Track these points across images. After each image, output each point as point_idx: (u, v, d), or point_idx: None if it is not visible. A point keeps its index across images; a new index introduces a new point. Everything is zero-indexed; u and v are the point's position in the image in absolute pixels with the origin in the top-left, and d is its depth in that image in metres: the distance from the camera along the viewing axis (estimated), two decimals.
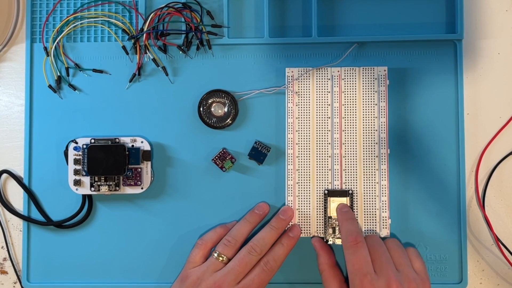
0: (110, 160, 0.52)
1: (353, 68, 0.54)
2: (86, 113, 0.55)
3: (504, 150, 0.55)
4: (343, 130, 0.53)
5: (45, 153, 0.55)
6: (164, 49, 0.54)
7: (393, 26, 0.55)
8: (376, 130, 0.53)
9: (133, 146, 0.54)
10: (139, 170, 0.53)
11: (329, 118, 0.54)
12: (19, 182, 0.55)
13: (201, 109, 0.54)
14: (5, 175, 0.56)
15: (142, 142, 0.54)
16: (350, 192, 0.53)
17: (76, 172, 0.53)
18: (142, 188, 0.53)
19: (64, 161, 0.54)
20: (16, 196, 0.56)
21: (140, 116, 0.55)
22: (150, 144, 0.54)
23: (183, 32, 0.54)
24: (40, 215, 0.55)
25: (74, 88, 0.55)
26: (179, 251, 0.54)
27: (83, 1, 0.55)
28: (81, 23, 0.55)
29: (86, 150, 0.53)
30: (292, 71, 0.54)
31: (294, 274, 0.54)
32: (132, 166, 0.53)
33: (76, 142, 0.53)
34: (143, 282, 0.55)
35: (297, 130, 0.54)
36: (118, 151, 0.53)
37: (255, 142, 0.54)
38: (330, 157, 0.53)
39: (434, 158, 0.54)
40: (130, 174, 0.53)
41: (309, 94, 0.54)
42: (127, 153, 0.53)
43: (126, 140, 0.54)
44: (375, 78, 0.53)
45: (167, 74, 0.55)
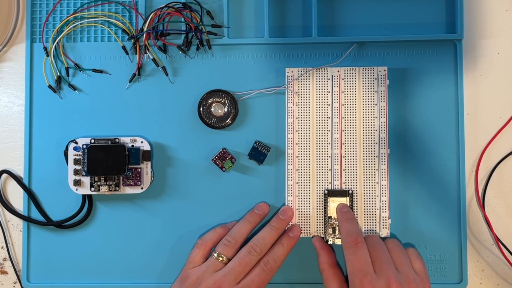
0: (110, 160, 0.52)
1: (353, 68, 0.54)
2: (86, 113, 0.55)
3: (504, 150, 0.55)
4: (343, 130, 0.53)
5: (45, 153, 0.55)
6: (164, 49, 0.54)
7: (393, 26, 0.55)
8: (376, 130, 0.53)
9: (133, 146, 0.54)
10: (139, 170, 0.53)
11: (329, 118, 0.54)
12: (19, 182, 0.55)
13: (201, 109, 0.54)
14: (5, 175, 0.56)
15: (142, 142, 0.54)
16: (350, 192, 0.53)
17: (76, 172, 0.53)
18: (142, 188, 0.53)
19: (64, 161, 0.54)
20: (16, 196, 0.56)
21: (140, 116, 0.55)
22: (150, 144, 0.54)
23: (183, 32, 0.54)
24: (40, 215, 0.55)
25: (74, 88, 0.55)
26: (179, 251, 0.54)
27: (83, 1, 0.55)
28: (81, 23, 0.55)
29: (86, 150, 0.53)
30: (292, 71, 0.54)
31: (294, 274, 0.54)
32: (132, 166, 0.53)
33: (76, 142, 0.53)
34: (143, 282, 0.55)
35: (297, 130, 0.54)
36: (118, 151, 0.53)
37: (255, 142, 0.54)
38: (330, 157, 0.53)
39: (434, 158, 0.54)
40: (130, 174, 0.53)
41: (309, 94, 0.54)
42: (127, 153, 0.53)
43: (126, 140, 0.54)
44: (375, 78, 0.53)
45: (167, 74, 0.55)
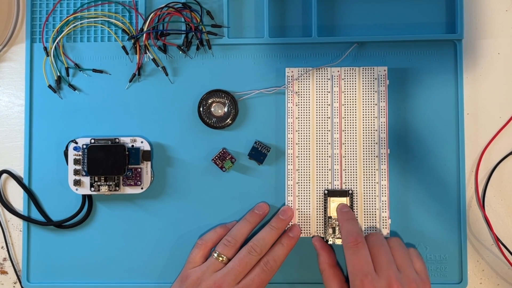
0: (110, 160, 0.52)
1: (353, 68, 0.54)
2: (86, 113, 0.55)
3: (504, 150, 0.55)
4: (343, 130, 0.53)
5: (45, 153, 0.55)
6: (164, 49, 0.54)
7: (393, 26, 0.55)
8: (376, 130, 0.53)
9: (133, 146, 0.54)
10: (139, 170, 0.53)
11: (329, 118, 0.54)
12: (19, 182, 0.55)
13: (201, 109, 0.54)
14: (5, 175, 0.56)
15: (142, 142, 0.54)
16: (350, 192, 0.53)
17: (76, 172, 0.53)
18: (142, 188, 0.53)
19: (64, 161, 0.54)
20: (16, 196, 0.56)
21: (140, 116, 0.55)
22: (150, 144, 0.54)
23: (183, 32, 0.54)
24: (40, 215, 0.55)
25: (74, 88, 0.55)
26: (179, 251, 0.54)
27: (83, 1, 0.55)
28: (81, 23, 0.55)
29: (86, 150, 0.53)
30: (292, 71, 0.54)
31: (294, 274, 0.54)
32: (132, 166, 0.53)
33: (76, 142, 0.53)
34: (143, 282, 0.55)
35: (297, 130, 0.54)
36: (118, 151, 0.53)
37: (255, 142, 0.54)
38: (330, 157, 0.53)
39: (434, 158, 0.54)
40: (130, 174, 0.53)
41: (309, 94, 0.54)
42: (127, 153, 0.53)
43: (126, 140, 0.54)
44: (375, 78, 0.53)
45: (167, 74, 0.55)
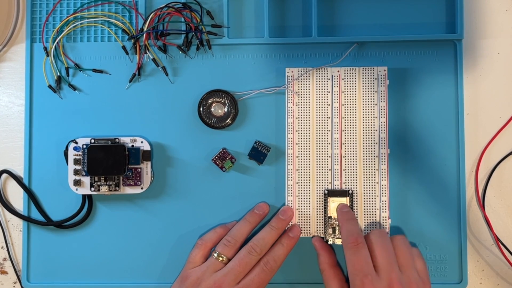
0: (110, 160, 0.52)
1: (353, 68, 0.54)
2: (86, 113, 0.55)
3: (504, 150, 0.55)
4: (343, 130, 0.53)
5: (45, 153, 0.55)
6: (164, 49, 0.54)
7: (393, 26, 0.55)
8: (376, 130, 0.53)
9: (133, 146, 0.54)
10: (139, 170, 0.53)
11: (329, 118, 0.54)
12: (19, 182, 0.55)
13: (201, 109, 0.54)
14: (5, 175, 0.56)
15: (142, 142, 0.54)
16: (350, 192, 0.53)
17: (76, 172, 0.53)
18: (142, 188, 0.53)
19: (64, 161, 0.54)
20: (16, 196, 0.56)
21: (140, 116, 0.55)
22: (150, 144, 0.54)
23: (183, 32, 0.54)
24: (40, 215, 0.55)
25: (74, 88, 0.55)
26: (179, 251, 0.54)
27: (83, 1, 0.55)
28: (81, 23, 0.55)
29: (86, 150, 0.53)
30: (292, 71, 0.54)
31: (294, 274, 0.54)
32: (132, 166, 0.53)
33: (76, 142, 0.53)
34: (143, 282, 0.55)
35: (297, 130, 0.54)
36: (118, 151, 0.53)
37: (255, 142, 0.54)
38: (330, 157, 0.53)
39: (434, 158, 0.54)
40: (130, 174, 0.53)
41: (309, 94, 0.54)
42: (127, 153, 0.53)
43: (126, 140, 0.54)
44: (375, 78, 0.53)
45: (167, 74, 0.55)
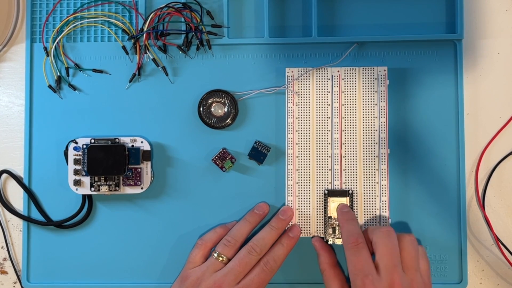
0: (110, 160, 0.52)
1: (353, 68, 0.54)
2: (86, 113, 0.55)
3: (504, 150, 0.55)
4: (343, 130, 0.53)
5: (45, 153, 0.55)
6: (164, 49, 0.54)
7: (393, 26, 0.55)
8: (376, 130, 0.53)
9: (133, 146, 0.54)
10: (139, 170, 0.53)
11: (329, 118, 0.54)
12: (19, 182, 0.55)
13: (201, 109, 0.54)
14: (5, 175, 0.56)
15: (142, 142, 0.54)
16: (350, 192, 0.53)
17: (76, 172, 0.53)
18: (142, 188, 0.53)
19: (64, 161, 0.54)
20: (16, 196, 0.56)
21: (140, 116, 0.55)
22: (150, 144, 0.54)
23: (183, 32, 0.54)
24: (40, 215, 0.55)
25: (74, 88, 0.55)
26: (179, 251, 0.54)
27: (83, 1, 0.55)
28: (81, 23, 0.55)
29: (86, 150, 0.53)
30: (292, 71, 0.54)
31: (294, 274, 0.54)
32: (132, 166, 0.53)
33: (76, 142, 0.53)
34: (143, 282, 0.55)
35: (297, 130, 0.54)
36: (118, 151, 0.53)
37: (255, 142, 0.54)
38: (330, 157, 0.53)
39: (434, 158, 0.54)
40: (130, 174, 0.53)
41: (309, 94, 0.54)
42: (127, 153, 0.53)
43: (126, 140, 0.54)
44: (375, 78, 0.53)
45: (167, 74, 0.55)
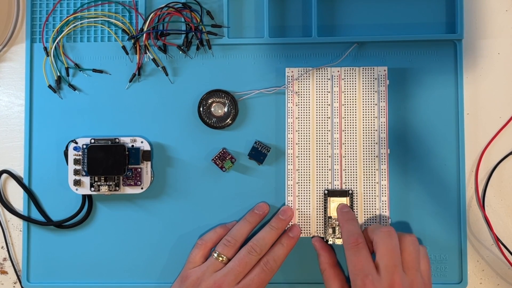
0: (110, 160, 0.52)
1: (353, 68, 0.54)
2: (86, 113, 0.55)
3: (504, 150, 0.55)
4: (343, 130, 0.53)
5: (45, 153, 0.55)
6: (164, 49, 0.54)
7: (393, 26, 0.55)
8: (376, 130, 0.53)
9: (133, 146, 0.54)
10: (139, 170, 0.53)
11: (329, 118, 0.54)
12: (19, 182, 0.55)
13: (201, 109, 0.54)
14: (5, 175, 0.56)
15: (142, 142, 0.54)
16: (350, 192, 0.53)
17: (76, 172, 0.53)
18: (142, 188, 0.53)
19: (64, 161, 0.54)
20: (16, 196, 0.56)
21: (140, 116, 0.55)
22: (150, 144, 0.54)
23: (183, 32, 0.54)
24: (40, 215, 0.55)
25: (74, 88, 0.55)
26: (179, 251, 0.54)
27: (83, 1, 0.55)
28: (81, 23, 0.55)
29: (86, 150, 0.53)
30: (292, 71, 0.54)
31: (294, 274, 0.54)
32: (132, 166, 0.53)
33: (76, 142, 0.53)
34: (143, 282, 0.55)
35: (297, 130, 0.54)
36: (118, 151, 0.53)
37: (255, 142, 0.54)
38: (330, 157, 0.53)
39: (434, 158, 0.54)
40: (130, 174, 0.53)
41: (309, 94, 0.54)
42: (127, 153, 0.53)
43: (126, 140, 0.54)
44: (375, 78, 0.53)
45: (167, 74, 0.55)
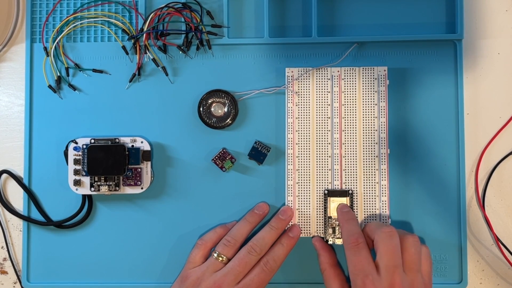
0: (110, 160, 0.52)
1: (353, 68, 0.54)
2: (86, 113, 0.55)
3: (504, 150, 0.55)
4: (343, 130, 0.53)
5: (45, 153, 0.55)
6: (164, 49, 0.54)
7: (393, 26, 0.55)
8: (376, 130, 0.53)
9: (133, 146, 0.54)
10: (139, 170, 0.53)
11: (329, 118, 0.54)
12: (19, 182, 0.55)
13: (201, 109, 0.54)
14: (5, 175, 0.56)
15: (142, 142, 0.54)
16: (350, 192, 0.53)
17: (76, 172, 0.53)
18: (142, 188, 0.53)
19: (64, 161, 0.54)
20: (16, 196, 0.56)
21: (140, 116, 0.55)
22: (150, 144, 0.54)
23: (183, 32, 0.54)
24: (40, 215, 0.55)
25: (74, 88, 0.55)
26: (179, 251, 0.54)
27: (83, 1, 0.55)
28: (81, 23, 0.55)
29: (86, 150, 0.53)
30: (292, 71, 0.54)
31: (294, 274, 0.54)
32: (132, 166, 0.53)
33: (76, 142, 0.53)
34: (143, 282, 0.55)
35: (297, 130, 0.54)
36: (118, 151, 0.53)
37: (255, 142, 0.54)
38: (330, 157, 0.53)
39: (434, 158, 0.54)
40: (130, 174, 0.53)
41: (309, 94, 0.54)
42: (127, 153, 0.53)
43: (126, 140, 0.54)
44: (375, 78, 0.53)
45: (167, 74, 0.55)
